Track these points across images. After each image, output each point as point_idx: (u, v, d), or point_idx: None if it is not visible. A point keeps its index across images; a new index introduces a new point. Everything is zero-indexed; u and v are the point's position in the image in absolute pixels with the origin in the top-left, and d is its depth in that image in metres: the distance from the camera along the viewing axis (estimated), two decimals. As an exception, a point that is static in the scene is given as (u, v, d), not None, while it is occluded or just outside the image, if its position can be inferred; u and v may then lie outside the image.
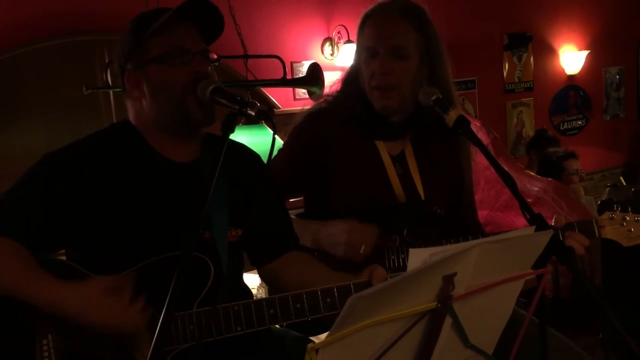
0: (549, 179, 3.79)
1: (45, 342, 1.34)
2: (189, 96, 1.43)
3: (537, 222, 1.34)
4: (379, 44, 1.78)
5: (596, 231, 1.73)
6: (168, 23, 1.43)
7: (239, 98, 1.34)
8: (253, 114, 1.31)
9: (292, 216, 1.82)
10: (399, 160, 1.88)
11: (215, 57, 1.52)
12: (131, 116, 1.54)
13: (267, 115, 1.33)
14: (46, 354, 1.33)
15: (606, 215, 1.73)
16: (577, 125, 6.22)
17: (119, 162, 1.46)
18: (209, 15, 1.47)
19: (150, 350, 1.05)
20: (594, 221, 1.73)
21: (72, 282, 1.33)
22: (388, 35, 1.78)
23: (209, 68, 1.48)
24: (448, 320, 0.99)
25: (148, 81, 1.46)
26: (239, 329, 1.37)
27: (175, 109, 1.45)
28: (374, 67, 1.78)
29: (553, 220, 1.69)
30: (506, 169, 3.92)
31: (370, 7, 1.85)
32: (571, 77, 6.10)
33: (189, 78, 1.43)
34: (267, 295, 1.95)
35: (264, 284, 2.45)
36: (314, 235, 1.79)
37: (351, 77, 1.88)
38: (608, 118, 6.50)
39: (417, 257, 0.92)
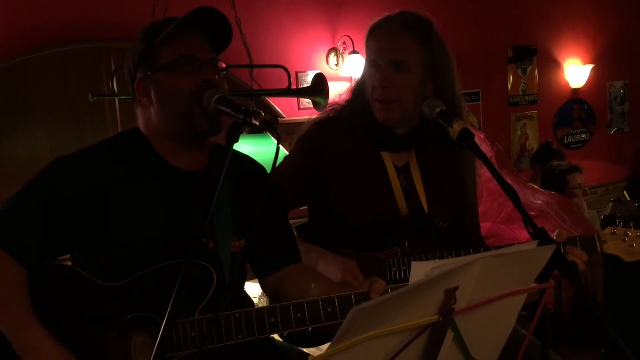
0: (553, 192, 3.79)
1: None
2: (195, 105, 1.43)
3: (540, 236, 1.34)
4: (380, 57, 1.79)
5: (598, 246, 1.73)
6: (177, 32, 1.44)
7: (243, 108, 1.35)
8: (257, 123, 1.31)
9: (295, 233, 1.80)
10: (404, 172, 1.88)
11: (224, 66, 1.53)
12: (141, 124, 1.55)
13: (271, 126, 1.33)
14: None
15: (608, 230, 1.73)
16: (581, 139, 6.22)
17: (127, 169, 1.48)
18: (218, 25, 1.49)
19: (152, 356, 1.05)
20: (596, 236, 1.73)
21: (42, 337, 1.33)
22: (389, 49, 1.78)
23: (217, 77, 1.49)
24: (450, 334, 0.99)
25: (156, 89, 1.47)
26: (239, 337, 1.37)
27: (182, 118, 1.46)
28: (375, 80, 1.79)
29: (555, 234, 1.69)
30: (509, 181, 3.91)
31: (376, 19, 1.86)
32: (576, 90, 6.10)
33: (196, 86, 1.44)
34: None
35: (265, 295, 2.44)
36: (313, 263, 1.77)
37: (359, 88, 1.89)
38: (612, 132, 6.50)
39: (419, 271, 0.92)
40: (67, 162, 1.47)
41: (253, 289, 2.35)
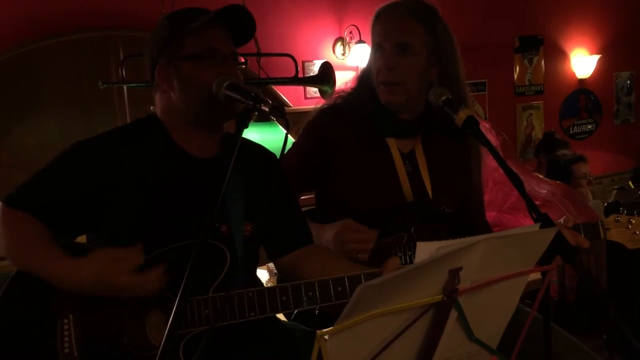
0: (557, 181, 3.80)
1: (65, 321, 1.38)
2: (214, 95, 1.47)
3: (543, 220, 1.36)
4: (385, 39, 1.81)
5: (602, 233, 1.75)
6: (205, 24, 1.48)
7: (253, 94, 1.38)
8: (267, 109, 1.34)
9: None
10: (409, 158, 1.90)
11: (243, 60, 1.57)
12: (158, 109, 1.59)
13: (280, 112, 1.36)
14: (67, 332, 1.38)
15: (612, 217, 1.75)
16: (587, 130, 6.23)
17: (144, 154, 1.52)
18: (244, 22, 1.54)
19: (166, 332, 1.08)
20: (600, 223, 1.75)
21: (83, 256, 1.38)
22: (394, 31, 1.81)
23: (237, 71, 1.53)
24: (453, 314, 1.02)
25: (179, 77, 1.51)
26: (252, 314, 1.41)
27: (201, 105, 1.51)
28: (380, 63, 1.81)
29: (562, 220, 1.72)
30: (515, 171, 3.89)
31: (381, 5, 1.88)
32: (582, 81, 6.10)
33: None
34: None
35: (271, 281, 2.48)
36: (315, 239, 1.81)
37: (365, 75, 1.91)
38: (618, 123, 6.50)
39: (425, 251, 0.95)
40: (86, 146, 1.51)
41: (261, 276, 2.39)
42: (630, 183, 5.32)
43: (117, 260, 1.35)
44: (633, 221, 1.73)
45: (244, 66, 1.59)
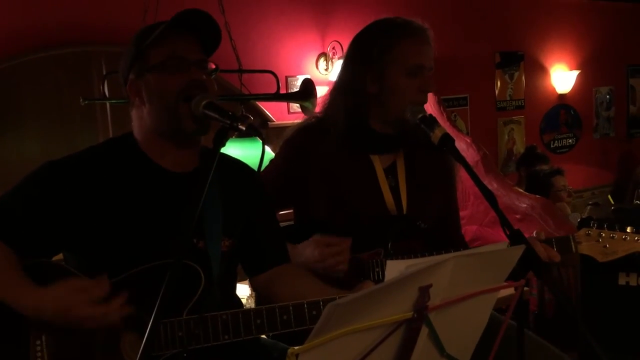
0: (537, 195, 3.86)
1: (38, 342, 1.38)
2: (183, 105, 1.47)
3: (516, 237, 1.39)
4: (424, 62, 1.84)
5: (573, 247, 1.79)
6: (166, 34, 1.48)
7: (230, 113, 1.39)
8: (244, 128, 1.35)
9: None
10: (391, 172, 1.93)
11: (214, 66, 1.57)
12: (134, 126, 1.59)
13: (257, 130, 1.37)
14: (39, 354, 1.37)
15: (583, 231, 1.79)
16: (568, 144, 6.31)
17: (118, 171, 1.51)
18: (205, 25, 1.53)
19: (139, 356, 1.08)
20: (571, 237, 1.79)
21: (45, 286, 1.37)
22: (429, 56, 1.86)
23: (204, 77, 1.52)
24: (424, 330, 1.03)
25: (147, 89, 1.51)
26: (226, 337, 1.40)
27: (169, 116, 1.49)
28: (419, 84, 1.83)
29: (534, 233, 1.76)
30: (495, 185, 3.94)
31: (405, 21, 1.89)
32: (562, 96, 6.19)
33: (184, 86, 1.47)
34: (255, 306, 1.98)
35: (253, 295, 2.48)
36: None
37: (342, 91, 1.92)
38: (598, 137, 6.59)
39: (394, 269, 0.96)
40: (58, 165, 1.50)
41: (241, 290, 2.39)
42: (609, 197, 5.39)
43: (79, 291, 1.33)
44: (603, 234, 1.77)
45: (215, 73, 1.58)
